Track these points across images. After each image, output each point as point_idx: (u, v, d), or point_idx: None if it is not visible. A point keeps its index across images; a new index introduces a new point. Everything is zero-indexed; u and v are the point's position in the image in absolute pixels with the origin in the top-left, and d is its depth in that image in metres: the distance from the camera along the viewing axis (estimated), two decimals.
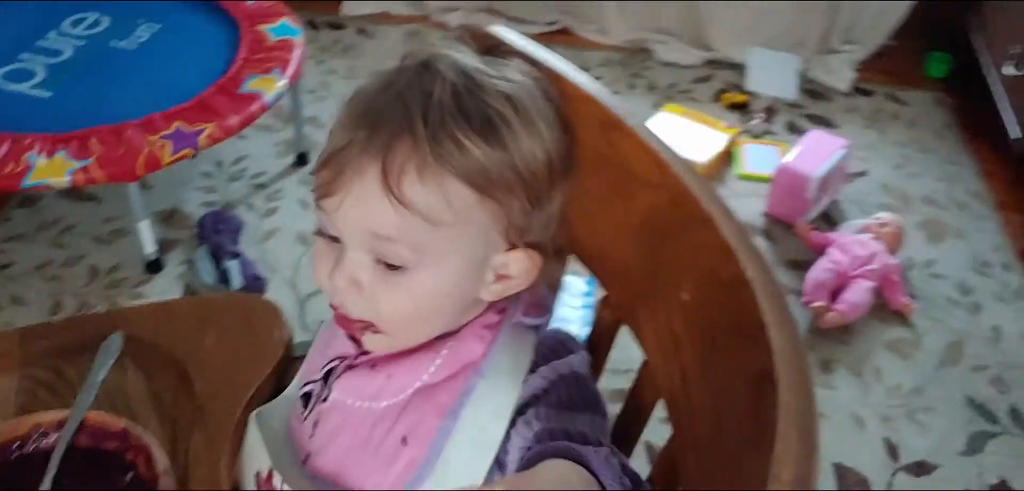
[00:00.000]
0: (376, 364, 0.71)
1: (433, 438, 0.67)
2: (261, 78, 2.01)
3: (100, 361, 0.78)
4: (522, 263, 0.67)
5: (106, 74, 2.03)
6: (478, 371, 0.68)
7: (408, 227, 0.63)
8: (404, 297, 0.65)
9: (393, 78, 0.66)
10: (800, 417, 0.46)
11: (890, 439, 1.66)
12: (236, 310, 0.87)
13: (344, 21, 2.80)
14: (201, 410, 0.77)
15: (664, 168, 0.66)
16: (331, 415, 0.72)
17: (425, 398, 0.68)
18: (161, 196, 2.12)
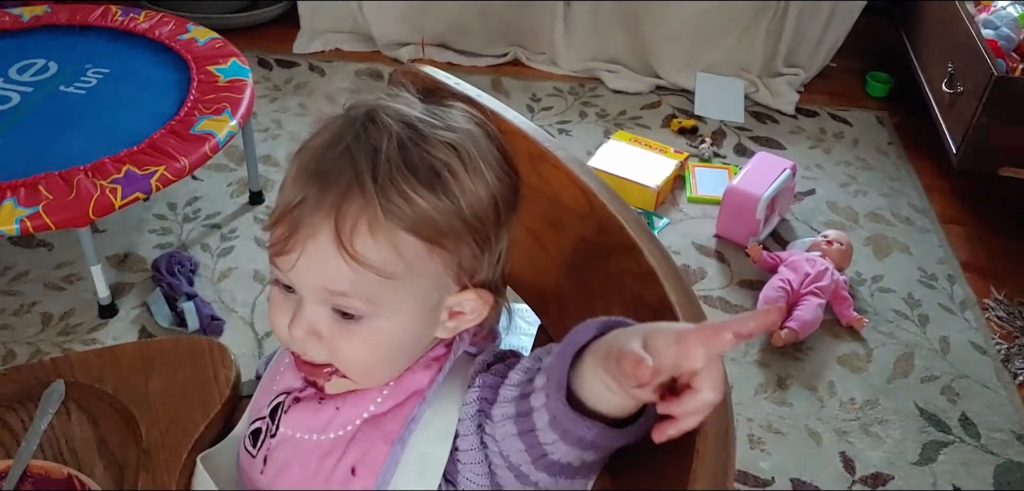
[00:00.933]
0: (324, 398, 0.72)
1: (382, 466, 0.69)
2: (212, 118, 2.01)
3: (42, 408, 0.78)
4: (473, 302, 0.69)
5: (55, 120, 2.02)
6: (424, 399, 0.70)
7: (362, 282, 0.65)
8: (362, 345, 0.67)
9: (340, 132, 0.67)
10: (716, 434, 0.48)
11: (846, 453, 1.70)
12: (182, 352, 0.88)
13: (296, 59, 2.81)
14: (147, 454, 0.77)
15: (591, 198, 0.68)
16: (280, 450, 0.73)
17: (373, 427, 0.70)
18: (114, 240, 2.11)
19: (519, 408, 0.60)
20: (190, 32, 2.31)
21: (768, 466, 1.66)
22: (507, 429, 0.61)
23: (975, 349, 1.93)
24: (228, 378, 0.85)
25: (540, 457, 0.60)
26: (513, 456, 0.62)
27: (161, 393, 0.83)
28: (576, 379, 0.57)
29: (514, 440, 0.61)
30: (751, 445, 1.70)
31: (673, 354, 0.51)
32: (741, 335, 0.50)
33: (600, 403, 0.56)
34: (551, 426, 0.58)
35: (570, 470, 0.61)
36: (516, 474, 0.63)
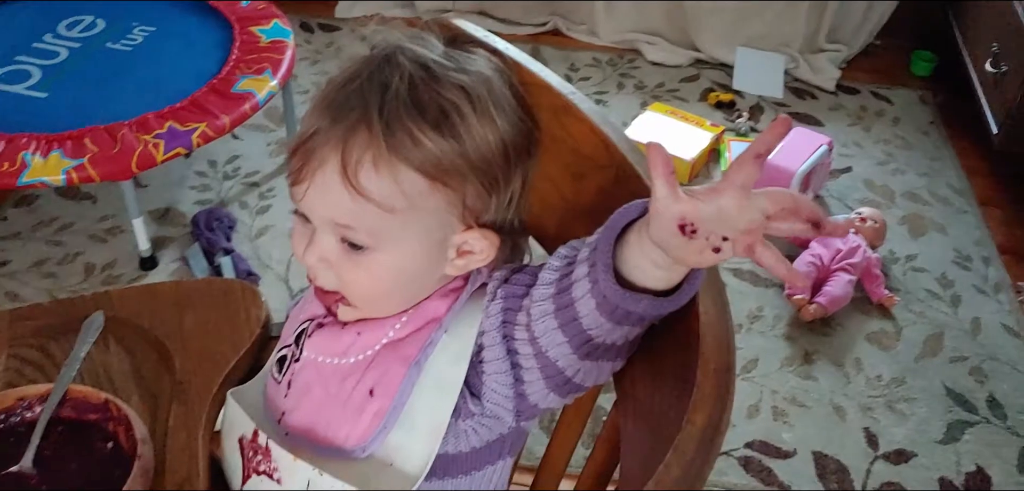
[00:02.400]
0: (346, 322, 0.75)
1: (399, 388, 0.71)
2: (253, 78, 2.05)
3: (82, 337, 0.81)
4: (479, 242, 0.71)
5: (101, 75, 2.07)
6: (441, 325, 0.72)
7: (364, 215, 0.67)
8: (366, 275, 0.70)
9: (358, 69, 0.70)
10: (717, 373, 0.50)
11: (870, 428, 1.70)
12: (215, 292, 0.91)
13: (338, 23, 2.84)
14: (180, 385, 0.81)
15: (611, 148, 0.70)
16: (303, 373, 0.76)
17: (391, 351, 0.72)
18: (156, 195, 2.16)
19: (558, 302, 0.62)
20: None
21: (790, 438, 1.67)
22: (547, 325, 0.63)
23: (1007, 331, 1.91)
24: (258, 318, 0.88)
25: (583, 343, 0.62)
26: (552, 350, 0.64)
27: (194, 329, 0.86)
28: (622, 249, 0.59)
29: (555, 334, 0.63)
30: (774, 417, 1.71)
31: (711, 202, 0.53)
32: (760, 153, 0.53)
33: (647, 279, 0.58)
34: (598, 309, 0.59)
35: (613, 350, 0.63)
36: (550, 375, 0.65)
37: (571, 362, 0.64)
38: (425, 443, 0.71)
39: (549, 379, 0.67)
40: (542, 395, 0.69)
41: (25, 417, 0.75)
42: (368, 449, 0.72)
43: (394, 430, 0.72)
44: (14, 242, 2.04)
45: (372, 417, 0.72)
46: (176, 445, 0.76)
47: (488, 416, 0.73)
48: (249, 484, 0.77)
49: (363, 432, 0.72)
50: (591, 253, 0.60)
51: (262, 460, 0.75)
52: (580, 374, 0.66)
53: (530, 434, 0.82)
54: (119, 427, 0.74)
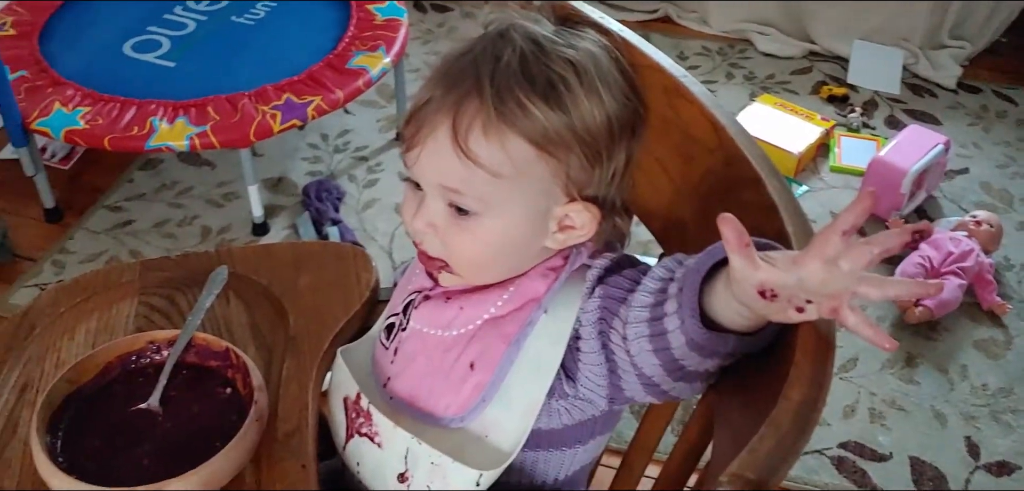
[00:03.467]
0: (450, 296, 0.78)
1: (498, 364, 0.74)
2: (367, 55, 2.11)
3: (208, 288, 0.87)
4: (581, 215, 0.73)
5: (225, 47, 2.16)
6: (540, 305, 0.74)
7: (473, 179, 0.70)
8: (471, 241, 0.72)
9: (473, 44, 0.73)
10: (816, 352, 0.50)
11: (972, 437, 1.65)
12: (329, 255, 0.95)
13: (450, 4, 2.89)
14: (293, 340, 0.85)
15: (721, 132, 0.70)
16: (409, 342, 0.80)
17: (492, 327, 0.75)
18: (270, 164, 2.25)
19: (653, 329, 0.64)
20: None
21: (887, 441, 1.63)
22: (641, 345, 0.65)
23: None
24: (368, 282, 0.91)
25: (676, 370, 0.64)
26: (647, 368, 0.66)
27: (308, 289, 0.90)
28: (709, 294, 0.60)
29: (649, 356, 0.64)
30: (871, 418, 1.67)
31: (793, 275, 0.53)
32: (846, 230, 0.52)
33: (732, 322, 0.60)
34: (688, 346, 0.61)
35: (705, 374, 0.65)
36: (645, 382, 0.67)
37: (664, 379, 0.66)
38: (519, 420, 0.74)
39: (644, 384, 0.68)
40: (637, 393, 0.70)
41: (153, 359, 0.81)
42: (466, 420, 0.75)
43: (491, 405, 0.74)
44: (139, 203, 2.15)
45: (472, 389, 0.75)
46: (288, 396, 0.80)
47: (581, 399, 0.75)
48: (351, 444, 0.81)
49: (463, 403, 0.75)
50: (679, 295, 0.62)
51: (364, 423, 0.79)
52: (674, 389, 0.68)
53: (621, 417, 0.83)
54: (237, 374, 0.79)
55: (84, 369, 0.78)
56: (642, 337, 0.64)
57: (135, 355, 0.81)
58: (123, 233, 2.06)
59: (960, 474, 1.59)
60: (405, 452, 0.75)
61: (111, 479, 0.70)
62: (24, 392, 0.81)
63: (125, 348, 0.80)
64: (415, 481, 0.75)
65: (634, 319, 0.65)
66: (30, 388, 0.82)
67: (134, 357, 0.81)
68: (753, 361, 0.60)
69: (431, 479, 0.74)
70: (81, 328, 0.87)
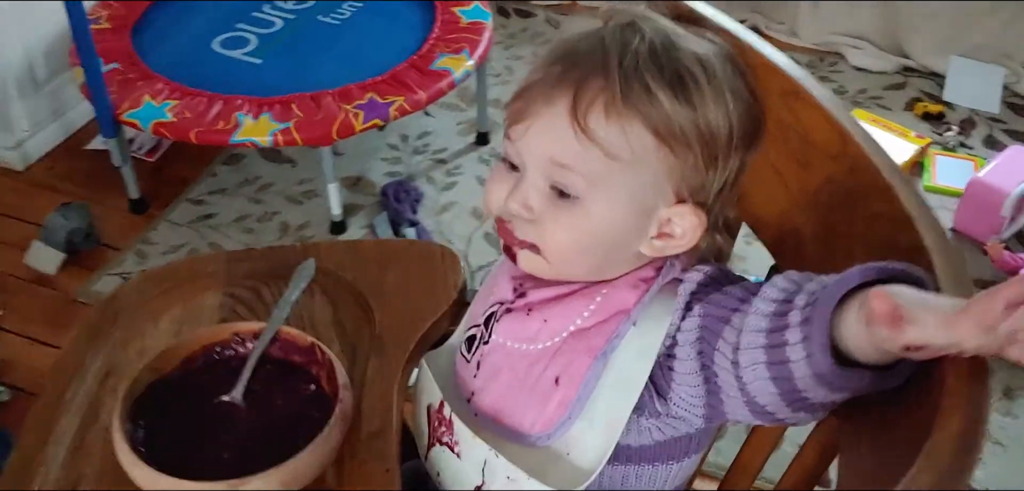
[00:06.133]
0: (532, 309, 0.74)
1: (584, 378, 0.70)
2: (451, 57, 2.09)
3: (295, 282, 0.84)
4: (687, 219, 0.68)
5: (310, 46, 2.17)
6: (629, 317, 0.70)
7: (586, 157, 0.66)
8: (569, 227, 0.69)
9: (597, 29, 0.70)
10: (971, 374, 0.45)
11: None
12: (416, 253, 0.93)
13: (534, 9, 2.86)
14: (379, 339, 0.82)
15: (846, 138, 0.65)
16: (492, 356, 0.76)
17: (578, 340, 0.71)
18: (350, 163, 2.25)
19: (772, 356, 0.58)
20: None
21: (983, 476, 1.54)
22: (757, 373, 0.59)
23: None
24: (456, 283, 0.88)
25: (796, 400, 0.59)
26: (761, 397, 0.60)
27: (395, 287, 0.87)
28: (839, 323, 0.54)
29: (765, 384, 0.59)
30: None
31: (945, 337, 0.49)
32: (1013, 301, 0.47)
33: (868, 354, 0.54)
34: (815, 378, 0.56)
35: (829, 406, 0.59)
36: (756, 409, 0.62)
37: (780, 408, 0.61)
38: (602, 437, 0.70)
39: (754, 411, 0.63)
40: (742, 416, 0.65)
41: (238, 351, 0.79)
42: (553, 437, 0.71)
43: (577, 419, 0.70)
44: (221, 197, 2.17)
45: (557, 406, 0.71)
46: (372, 396, 0.77)
47: (673, 417, 0.71)
48: (432, 452, 0.78)
49: (549, 419, 0.72)
50: (805, 324, 0.56)
51: (445, 431, 0.76)
52: (790, 419, 0.62)
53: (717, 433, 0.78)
54: (322, 371, 0.76)
55: (168, 358, 0.76)
56: (758, 364, 0.59)
57: (219, 346, 0.79)
58: (204, 226, 2.08)
59: None
60: (483, 464, 0.72)
61: (191, 471, 0.67)
62: (107, 379, 0.80)
63: (210, 338, 0.78)
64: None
65: (748, 344, 0.60)
66: (113, 375, 0.80)
67: (218, 348, 0.79)
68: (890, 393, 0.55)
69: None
70: (165, 316, 0.86)
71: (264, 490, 0.66)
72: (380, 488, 0.70)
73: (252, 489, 0.65)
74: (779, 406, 0.60)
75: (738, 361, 0.60)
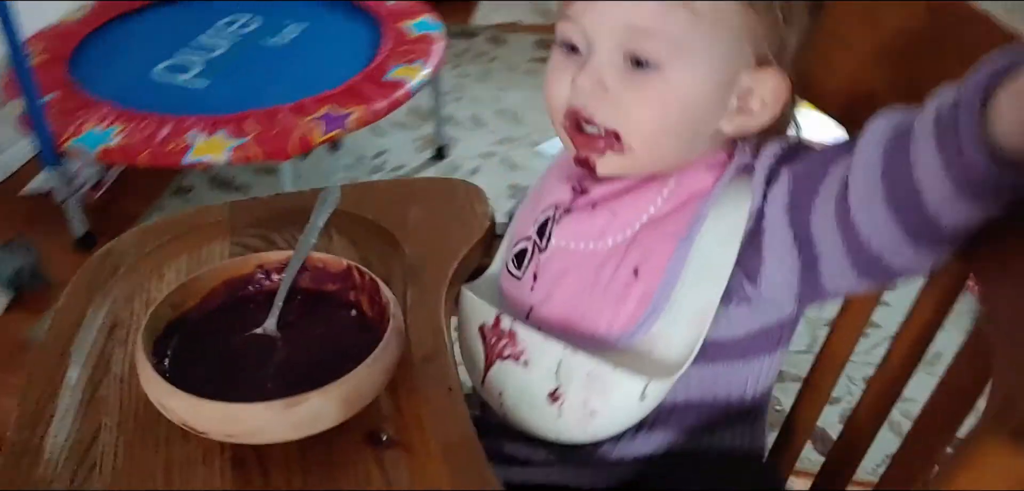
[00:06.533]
0: (597, 205, 0.68)
1: (667, 266, 0.64)
2: (405, 67, 2.05)
3: (320, 208, 0.77)
4: (769, 85, 0.64)
5: (258, 67, 2.11)
6: (708, 199, 0.65)
7: (669, 17, 0.61)
8: (653, 100, 0.63)
9: None
10: None
11: None
12: (437, 189, 0.86)
13: (476, 29, 2.84)
14: (413, 269, 0.76)
15: None
16: (552, 263, 0.70)
17: (654, 229, 0.66)
18: (306, 185, 2.16)
19: (891, 182, 0.51)
20: None
21: None
22: (873, 212, 0.53)
23: None
24: (486, 212, 0.82)
25: (924, 230, 0.51)
26: (875, 238, 0.54)
27: (421, 221, 0.81)
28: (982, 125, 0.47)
29: (885, 221, 0.52)
30: None
31: None
32: None
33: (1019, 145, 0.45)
34: (956, 189, 0.48)
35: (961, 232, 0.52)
36: (866, 259, 0.55)
37: (900, 246, 0.54)
38: (689, 329, 0.64)
39: (858, 266, 0.57)
40: (843, 281, 0.59)
41: (263, 286, 0.71)
42: (635, 335, 0.65)
43: (662, 314, 0.64)
44: None
45: (638, 301, 0.65)
46: (418, 323, 0.70)
47: (765, 301, 0.66)
48: (491, 372, 0.71)
49: (628, 318, 0.65)
50: (940, 131, 0.48)
51: (507, 344, 0.69)
52: (907, 261, 0.55)
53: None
54: (362, 296, 0.69)
55: (188, 293, 0.68)
56: (875, 201, 0.53)
57: (242, 281, 0.71)
58: None
59: None
60: (557, 366, 0.66)
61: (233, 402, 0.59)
62: (113, 331, 0.72)
63: (232, 272, 0.71)
64: (569, 398, 0.65)
65: (861, 180, 0.54)
66: (120, 328, 0.72)
67: (241, 282, 0.71)
68: None
69: (588, 394, 0.65)
70: (170, 268, 0.78)
71: (324, 406, 0.58)
72: (445, 409, 0.63)
73: (311, 405, 0.58)
74: (899, 247, 0.53)
75: (848, 205, 0.54)
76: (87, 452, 0.62)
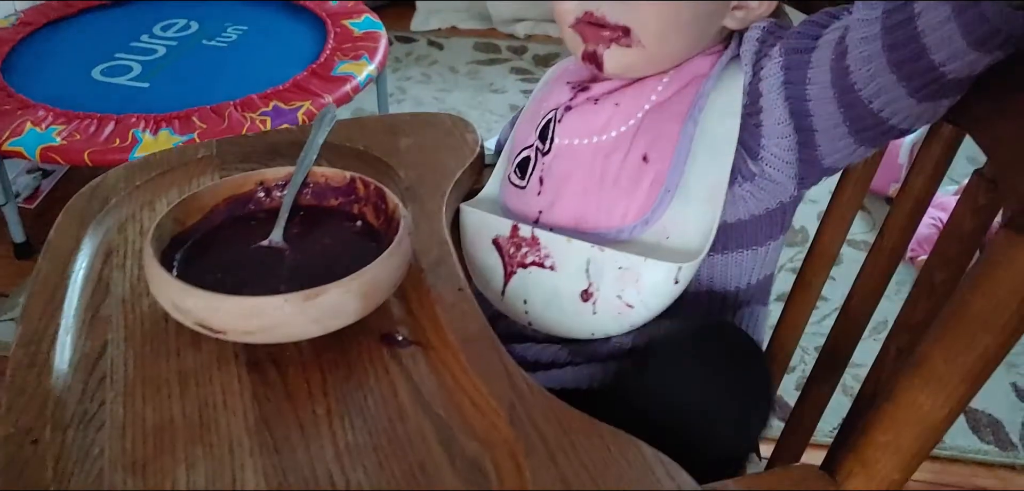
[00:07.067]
0: (598, 100, 0.70)
1: (677, 144, 0.66)
2: (351, 63, 2.04)
3: (318, 126, 0.77)
4: None
5: (199, 68, 2.07)
6: (709, 77, 0.67)
7: None
8: None
9: None
10: None
11: (1017, 383, 1.62)
12: (425, 121, 0.87)
13: (414, 35, 2.85)
14: (409, 190, 0.76)
15: None
16: (558, 163, 0.71)
17: (658, 112, 0.67)
18: None
19: (891, 39, 0.52)
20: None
21: None
22: (873, 69, 0.54)
23: None
24: (475, 139, 0.83)
25: (927, 83, 0.52)
26: (876, 100, 0.54)
27: (412, 149, 0.81)
28: None
29: (884, 78, 0.53)
30: None
31: None
32: None
33: None
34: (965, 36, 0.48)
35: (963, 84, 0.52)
36: (866, 125, 0.57)
37: (898, 104, 0.55)
38: (704, 210, 0.66)
39: (856, 128, 0.58)
40: (842, 151, 0.61)
41: (264, 204, 0.70)
42: (650, 221, 0.66)
43: (677, 192, 0.66)
44: None
45: (651, 184, 0.66)
46: (421, 235, 0.70)
47: (767, 179, 0.67)
48: (513, 282, 0.71)
49: (643, 202, 0.67)
50: None
51: (529, 251, 0.70)
52: (904, 117, 0.56)
53: None
54: (366, 207, 0.69)
55: (188, 210, 0.67)
56: (874, 54, 0.53)
57: (243, 198, 0.70)
58: None
59: (1015, 418, 1.55)
60: (586, 265, 0.66)
61: None
62: (109, 257, 0.70)
63: (232, 190, 0.70)
64: (602, 294, 0.66)
65: (859, 39, 0.54)
66: (115, 254, 0.70)
67: (243, 200, 0.70)
68: None
69: (622, 286, 0.65)
70: (161, 200, 0.76)
71: (343, 298, 0.58)
72: (457, 308, 0.63)
73: (330, 297, 0.57)
74: (899, 102, 0.55)
75: (846, 66, 0.56)
76: (96, 364, 0.60)
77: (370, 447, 0.53)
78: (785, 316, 0.78)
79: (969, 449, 1.50)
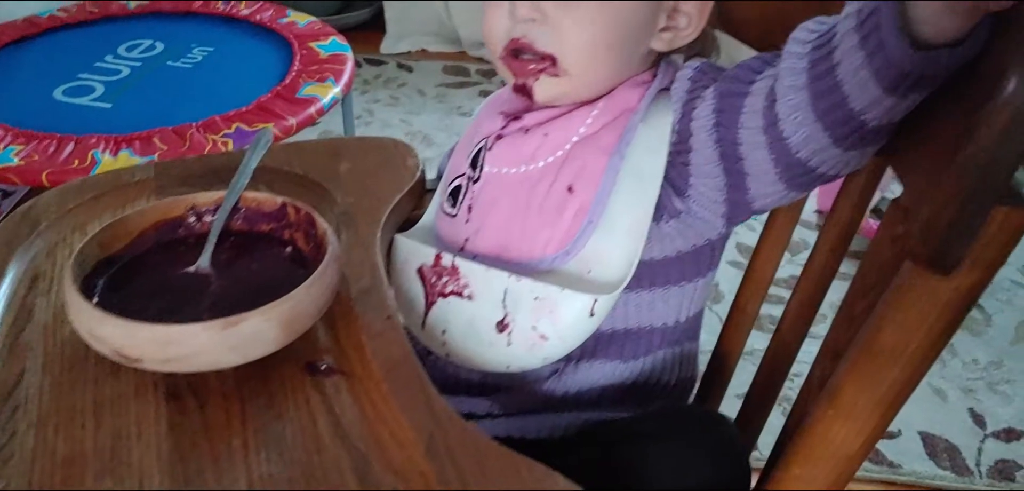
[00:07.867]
0: (529, 129, 0.70)
1: (601, 178, 0.66)
2: (317, 85, 2.03)
3: (253, 150, 0.76)
4: (694, 3, 0.66)
5: (163, 89, 2.06)
6: (637, 111, 0.67)
7: None
8: (588, 19, 0.65)
9: None
10: None
11: (974, 409, 1.63)
12: (367, 145, 0.86)
13: (384, 58, 2.85)
14: (346, 215, 0.75)
15: None
16: (485, 191, 0.71)
17: (586, 145, 0.67)
18: None
19: (816, 89, 0.53)
20: (289, 16, 2.35)
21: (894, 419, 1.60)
22: (800, 118, 0.54)
23: None
24: (416, 164, 0.82)
25: (851, 131, 0.53)
26: (804, 149, 0.55)
27: (351, 173, 0.81)
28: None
29: (812, 126, 0.54)
30: None
31: None
32: None
33: (941, 28, 0.46)
34: (879, 83, 0.49)
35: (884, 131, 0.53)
36: (788, 171, 0.58)
37: (826, 153, 0.56)
38: (625, 244, 0.65)
39: (787, 176, 0.59)
40: (771, 193, 0.61)
41: (194, 228, 0.70)
42: (571, 253, 0.66)
43: (600, 224, 0.66)
44: None
45: (574, 215, 0.66)
46: (354, 261, 0.69)
47: (693, 217, 0.68)
48: (433, 312, 0.71)
49: (565, 233, 0.66)
50: (861, 27, 0.49)
51: (449, 281, 0.70)
52: (833, 164, 0.57)
53: None
54: (297, 232, 0.68)
55: (116, 235, 0.66)
56: (800, 106, 0.54)
57: (173, 223, 0.69)
58: None
59: (971, 444, 1.56)
60: (503, 295, 0.66)
61: None
62: (35, 283, 0.69)
63: (161, 214, 0.69)
64: (517, 325, 0.66)
65: (788, 86, 0.55)
66: (42, 279, 0.69)
67: (172, 225, 0.69)
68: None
69: (537, 317, 0.65)
70: (94, 225, 0.75)
71: (263, 327, 0.57)
72: (384, 336, 0.63)
73: (250, 324, 0.56)
74: (826, 151, 0.55)
75: (776, 116, 0.56)
76: (10, 394, 0.59)
77: (284, 479, 0.52)
78: (752, 267, 0.77)
79: (926, 475, 1.50)
